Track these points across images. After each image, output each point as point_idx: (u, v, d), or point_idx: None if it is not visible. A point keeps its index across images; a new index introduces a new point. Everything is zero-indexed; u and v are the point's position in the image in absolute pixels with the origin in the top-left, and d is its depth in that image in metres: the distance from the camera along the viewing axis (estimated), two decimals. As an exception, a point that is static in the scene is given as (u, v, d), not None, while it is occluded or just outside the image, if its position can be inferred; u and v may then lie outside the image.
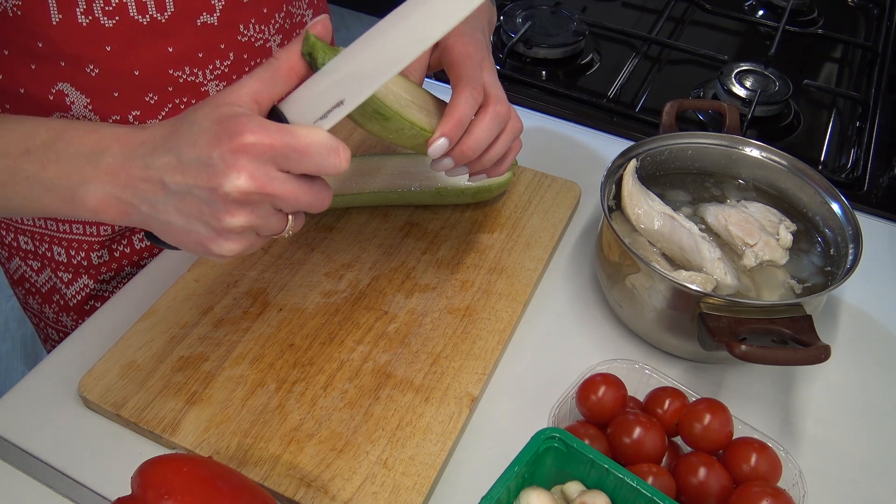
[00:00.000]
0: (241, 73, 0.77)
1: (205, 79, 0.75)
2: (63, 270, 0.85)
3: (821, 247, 0.74)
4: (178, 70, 0.73)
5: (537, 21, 1.13)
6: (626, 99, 1.07)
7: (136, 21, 0.68)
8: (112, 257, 0.85)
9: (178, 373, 0.66)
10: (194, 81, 0.75)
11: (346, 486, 0.59)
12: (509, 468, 0.52)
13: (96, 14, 0.67)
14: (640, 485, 0.52)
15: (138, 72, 0.71)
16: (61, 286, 0.86)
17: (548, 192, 0.86)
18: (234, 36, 0.75)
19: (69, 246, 0.83)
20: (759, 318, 0.63)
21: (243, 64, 0.77)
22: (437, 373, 0.68)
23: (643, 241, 0.73)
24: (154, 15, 0.69)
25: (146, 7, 0.68)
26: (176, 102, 0.75)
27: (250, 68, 0.78)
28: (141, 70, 0.71)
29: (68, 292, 0.86)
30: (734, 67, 1.06)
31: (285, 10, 0.79)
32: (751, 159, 0.79)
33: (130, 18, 0.68)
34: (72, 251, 0.83)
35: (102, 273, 0.85)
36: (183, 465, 0.50)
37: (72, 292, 0.86)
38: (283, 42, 0.81)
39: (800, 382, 0.71)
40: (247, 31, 0.76)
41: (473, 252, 0.79)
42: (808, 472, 0.59)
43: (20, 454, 0.62)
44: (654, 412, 0.62)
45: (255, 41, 0.77)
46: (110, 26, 0.68)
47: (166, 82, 0.73)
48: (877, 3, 1.34)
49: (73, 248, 0.83)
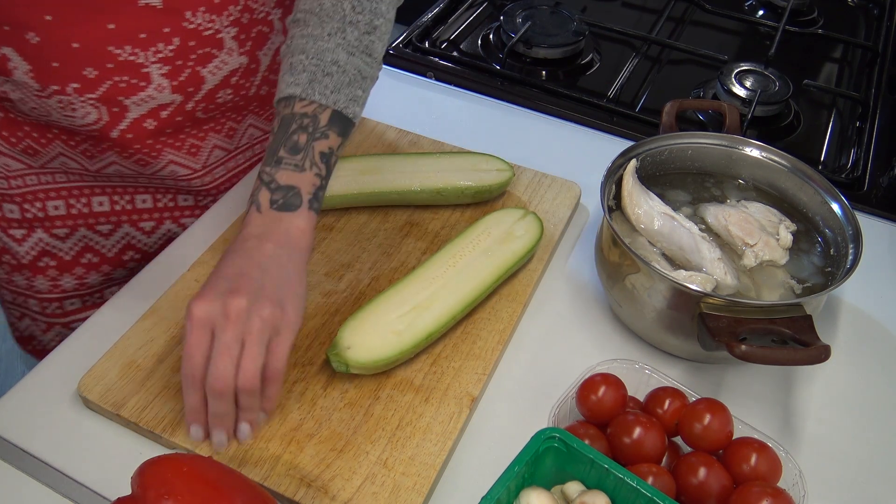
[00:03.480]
0: (187, 60, 0.76)
1: (146, 60, 0.74)
2: (16, 227, 0.85)
3: (821, 247, 0.74)
4: (119, 48, 0.72)
5: (537, 21, 1.13)
6: (626, 99, 1.07)
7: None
8: (69, 213, 0.84)
9: (178, 373, 0.66)
10: (135, 62, 0.73)
11: (346, 486, 0.59)
12: (509, 468, 0.52)
13: None
14: (640, 485, 0.52)
15: (77, 45, 0.70)
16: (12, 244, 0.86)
17: (548, 191, 0.86)
18: (178, 22, 0.73)
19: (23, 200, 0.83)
20: (759, 318, 0.63)
21: (189, 51, 0.75)
22: (437, 373, 0.68)
23: (643, 241, 0.73)
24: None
25: None
26: (115, 80, 0.74)
27: (197, 56, 0.76)
28: (80, 43, 0.70)
29: (21, 250, 0.86)
30: (734, 67, 1.06)
31: (242, 4, 0.77)
32: (751, 159, 0.79)
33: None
34: (26, 205, 0.84)
35: (57, 227, 0.85)
36: (183, 464, 0.50)
37: (24, 249, 0.86)
38: (238, 35, 0.78)
39: (800, 382, 0.71)
40: (194, 18, 0.74)
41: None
42: (808, 472, 0.59)
43: (20, 454, 0.62)
44: (654, 412, 0.62)
45: (203, 30, 0.75)
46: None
47: (106, 59, 0.72)
48: (877, 3, 1.34)
49: (27, 202, 0.83)
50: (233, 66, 0.80)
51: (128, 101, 0.76)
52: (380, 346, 0.65)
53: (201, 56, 0.76)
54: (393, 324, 0.67)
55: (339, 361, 0.65)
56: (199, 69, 0.77)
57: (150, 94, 0.76)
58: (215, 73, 0.79)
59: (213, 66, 0.78)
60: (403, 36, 1.14)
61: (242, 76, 0.82)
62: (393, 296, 0.69)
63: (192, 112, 0.80)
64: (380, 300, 0.69)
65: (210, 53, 0.77)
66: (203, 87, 0.79)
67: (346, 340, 0.65)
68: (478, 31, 1.18)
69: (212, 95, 0.80)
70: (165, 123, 0.79)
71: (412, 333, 0.67)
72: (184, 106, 0.79)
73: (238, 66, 0.80)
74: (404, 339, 0.66)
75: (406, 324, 0.67)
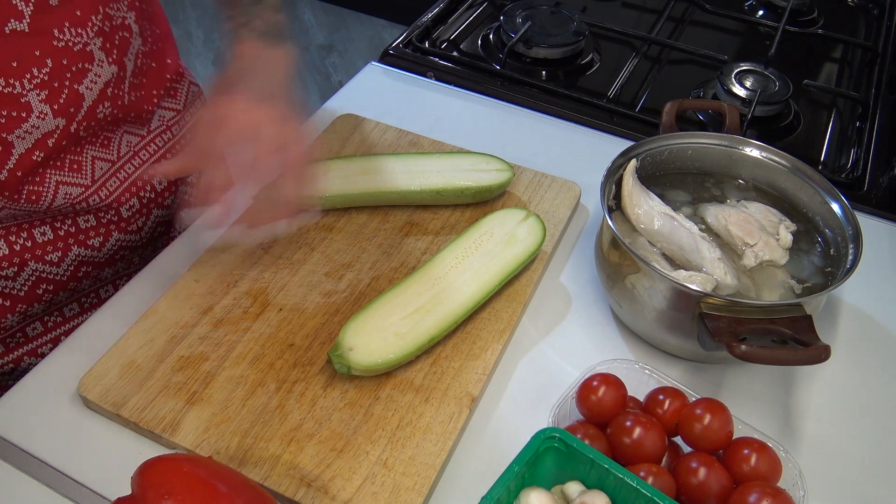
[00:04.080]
0: (63, 79, 0.73)
1: (24, 89, 0.70)
2: None
3: (821, 247, 0.74)
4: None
5: (537, 21, 1.13)
6: (626, 99, 1.07)
7: None
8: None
9: (178, 373, 0.66)
10: (12, 93, 0.70)
11: (346, 486, 0.59)
12: (509, 468, 0.52)
13: None
14: (641, 485, 0.52)
15: None
16: None
17: (548, 191, 0.86)
18: (48, 41, 0.70)
19: None
20: (759, 318, 0.63)
21: (63, 70, 0.73)
22: (437, 373, 0.68)
23: (643, 241, 0.73)
24: None
25: None
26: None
27: (72, 74, 0.74)
28: None
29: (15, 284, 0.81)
30: (734, 67, 1.06)
31: (102, 12, 0.75)
32: (751, 159, 0.79)
33: None
34: None
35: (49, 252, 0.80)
36: (183, 465, 0.50)
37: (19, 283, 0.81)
38: (104, 45, 0.76)
39: (800, 382, 0.71)
40: (62, 35, 0.71)
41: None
42: (808, 472, 0.59)
43: (20, 454, 0.62)
44: (654, 412, 0.62)
45: (73, 45, 0.72)
46: None
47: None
48: (877, 3, 1.34)
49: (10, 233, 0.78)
50: (106, 78, 0.78)
51: (11, 137, 0.72)
52: (382, 348, 0.65)
53: (76, 73, 0.74)
54: (395, 326, 0.67)
55: (340, 363, 0.65)
56: (76, 87, 0.75)
57: (33, 125, 0.73)
58: (91, 87, 0.77)
59: (89, 80, 0.76)
60: (403, 36, 1.14)
61: (115, 86, 0.80)
62: (395, 297, 0.69)
63: (76, 133, 0.78)
64: (382, 301, 0.69)
65: (84, 69, 0.75)
66: (83, 104, 0.76)
67: (349, 342, 0.65)
68: (478, 31, 1.18)
69: (93, 112, 0.78)
70: (52, 151, 0.76)
71: (414, 336, 0.67)
72: (68, 128, 0.76)
73: (110, 76, 0.79)
74: (407, 341, 0.66)
75: (409, 326, 0.67)
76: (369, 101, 1.02)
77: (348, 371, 0.65)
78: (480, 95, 1.05)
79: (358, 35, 3.12)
